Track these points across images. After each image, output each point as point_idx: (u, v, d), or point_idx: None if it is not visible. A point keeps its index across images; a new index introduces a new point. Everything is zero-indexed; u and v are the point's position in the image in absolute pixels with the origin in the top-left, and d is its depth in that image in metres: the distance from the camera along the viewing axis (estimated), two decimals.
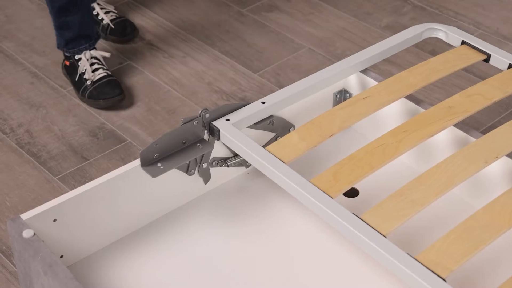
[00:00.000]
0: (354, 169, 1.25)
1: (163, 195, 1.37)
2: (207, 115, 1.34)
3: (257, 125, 1.40)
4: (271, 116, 1.42)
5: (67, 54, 2.01)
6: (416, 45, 2.13)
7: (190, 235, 1.35)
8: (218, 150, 1.40)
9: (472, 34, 2.22)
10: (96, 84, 1.96)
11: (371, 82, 1.50)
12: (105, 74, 1.98)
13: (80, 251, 1.29)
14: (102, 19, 2.22)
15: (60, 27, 1.98)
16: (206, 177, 1.41)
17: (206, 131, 1.36)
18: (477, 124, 1.89)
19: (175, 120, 1.94)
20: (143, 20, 2.31)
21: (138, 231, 1.35)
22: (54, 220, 1.22)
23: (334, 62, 1.63)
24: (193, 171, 1.37)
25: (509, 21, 2.27)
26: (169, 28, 2.28)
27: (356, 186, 1.44)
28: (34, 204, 1.67)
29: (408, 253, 1.11)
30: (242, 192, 1.44)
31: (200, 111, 1.34)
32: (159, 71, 2.11)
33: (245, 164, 1.45)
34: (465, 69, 2.06)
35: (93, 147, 1.85)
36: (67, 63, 2.02)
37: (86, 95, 1.97)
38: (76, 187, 1.43)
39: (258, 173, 1.47)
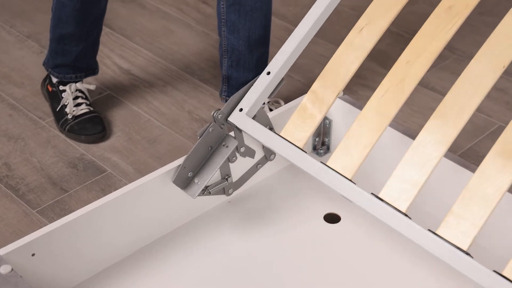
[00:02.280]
0: (365, 136, 1.23)
1: (145, 224, 1.36)
2: (219, 116, 1.36)
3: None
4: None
5: (50, 77, 2.00)
6: None
7: (177, 262, 1.34)
8: None
9: (447, 58, 2.24)
10: (78, 120, 1.94)
11: (354, 110, 1.49)
12: (87, 110, 1.96)
13: (61, 285, 1.27)
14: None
15: (55, 51, 1.94)
16: (251, 154, 1.43)
17: (225, 127, 1.37)
18: (455, 148, 1.90)
19: (155, 149, 1.93)
20: (123, 50, 2.31)
21: (121, 262, 1.34)
22: (33, 255, 1.21)
23: None
24: (234, 158, 1.40)
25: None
26: (149, 57, 2.28)
27: (338, 212, 1.44)
28: (12, 239, 1.65)
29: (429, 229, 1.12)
30: (221, 221, 1.43)
31: (212, 113, 1.35)
32: (139, 100, 2.10)
33: (226, 192, 1.44)
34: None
35: (72, 179, 1.84)
36: (50, 89, 2.01)
37: (66, 128, 1.95)
38: (55, 220, 1.42)
39: (240, 201, 1.47)
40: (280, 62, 1.36)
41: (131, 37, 2.37)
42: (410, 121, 2.00)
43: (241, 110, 1.35)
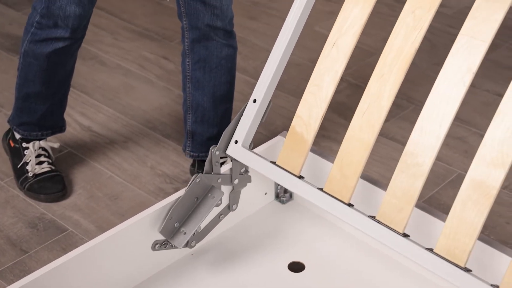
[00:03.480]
0: (355, 154, 1.26)
1: (108, 281, 1.33)
2: (217, 152, 1.40)
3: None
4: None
5: (14, 133, 1.97)
6: None
7: None
8: (159, 235, 1.38)
9: (406, 108, 2.28)
10: (38, 178, 1.92)
11: (325, 163, 1.50)
12: (49, 169, 1.94)
13: None
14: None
15: (20, 109, 1.91)
16: (247, 180, 1.47)
17: (218, 165, 1.41)
18: None
19: (118, 206, 1.91)
20: (84, 107, 2.30)
21: None
22: None
23: None
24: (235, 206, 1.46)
25: None
26: (110, 114, 2.27)
27: (303, 261, 1.43)
28: None
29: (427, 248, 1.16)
30: (184, 275, 1.41)
31: (210, 149, 1.40)
32: (100, 157, 2.09)
33: (189, 244, 1.43)
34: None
35: (32, 239, 1.80)
36: (12, 144, 1.98)
37: (26, 187, 1.92)
38: (14, 282, 1.38)
39: (202, 253, 1.46)
40: (264, 87, 1.39)
41: (92, 94, 2.37)
42: (371, 170, 2.02)
43: (236, 142, 1.38)
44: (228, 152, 1.40)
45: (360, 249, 1.45)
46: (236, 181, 1.43)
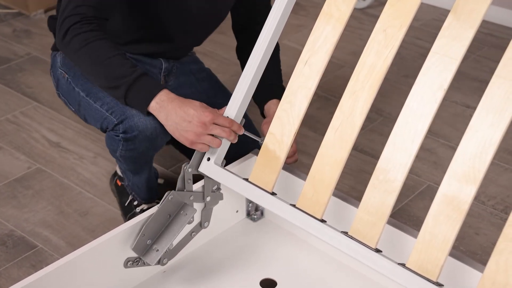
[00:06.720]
0: (328, 170, 1.27)
1: None
2: (189, 169, 1.39)
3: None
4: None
5: (118, 172, 1.90)
6: None
7: None
8: (131, 252, 1.37)
9: (375, 120, 2.30)
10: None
11: (297, 180, 1.51)
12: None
13: None
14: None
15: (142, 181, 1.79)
16: (219, 198, 1.47)
17: (190, 182, 1.40)
18: None
19: (88, 221, 1.89)
20: (52, 123, 2.28)
21: None
22: None
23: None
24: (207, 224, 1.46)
25: None
26: (79, 129, 2.26)
27: (275, 278, 1.44)
28: None
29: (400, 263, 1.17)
30: None
31: (183, 166, 1.38)
32: (69, 172, 2.07)
33: (161, 261, 1.42)
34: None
35: (1, 256, 1.78)
36: (119, 183, 1.91)
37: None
38: None
39: (174, 270, 1.45)
40: (236, 105, 1.40)
41: (60, 110, 2.35)
42: (341, 183, 2.03)
43: (209, 159, 1.38)
44: (201, 169, 1.40)
45: (331, 265, 1.46)
46: (208, 199, 1.43)
